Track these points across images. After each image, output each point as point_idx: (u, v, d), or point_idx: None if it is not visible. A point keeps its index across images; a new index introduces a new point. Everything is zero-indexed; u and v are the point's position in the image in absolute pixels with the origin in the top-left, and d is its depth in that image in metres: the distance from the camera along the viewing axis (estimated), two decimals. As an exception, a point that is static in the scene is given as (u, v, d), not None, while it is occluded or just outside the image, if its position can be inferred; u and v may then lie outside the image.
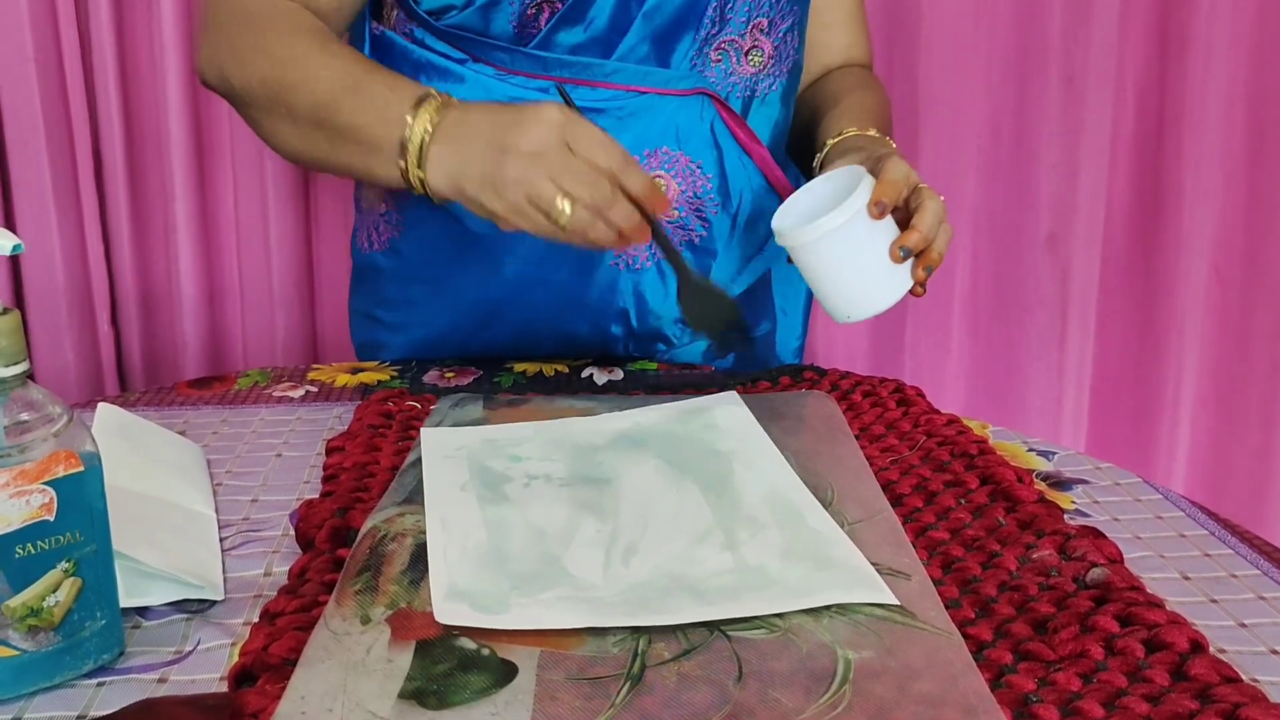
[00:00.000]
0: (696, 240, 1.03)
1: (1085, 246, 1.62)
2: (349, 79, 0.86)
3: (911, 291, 0.86)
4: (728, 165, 1.02)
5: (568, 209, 0.78)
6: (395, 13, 1.01)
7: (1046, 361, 1.67)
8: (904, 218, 0.86)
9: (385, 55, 1.00)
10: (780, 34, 1.02)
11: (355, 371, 1.04)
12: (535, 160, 0.78)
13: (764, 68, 1.02)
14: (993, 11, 1.54)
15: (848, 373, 1.02)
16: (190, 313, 1.51)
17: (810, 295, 1.21)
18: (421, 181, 0.83)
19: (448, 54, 0.98)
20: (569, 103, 0.83)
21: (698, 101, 0.99)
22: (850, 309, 0.86)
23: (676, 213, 1.02)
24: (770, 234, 1.07)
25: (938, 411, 0.90)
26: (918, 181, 0.86)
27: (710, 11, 0.97)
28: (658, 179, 0.99)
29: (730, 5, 0.98)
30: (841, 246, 0.83)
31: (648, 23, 0.96)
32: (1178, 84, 1.56)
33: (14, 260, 1.45)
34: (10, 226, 1.44)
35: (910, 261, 0.84)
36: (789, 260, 0.88)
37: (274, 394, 0.98)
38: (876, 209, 0.82)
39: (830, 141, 0.98)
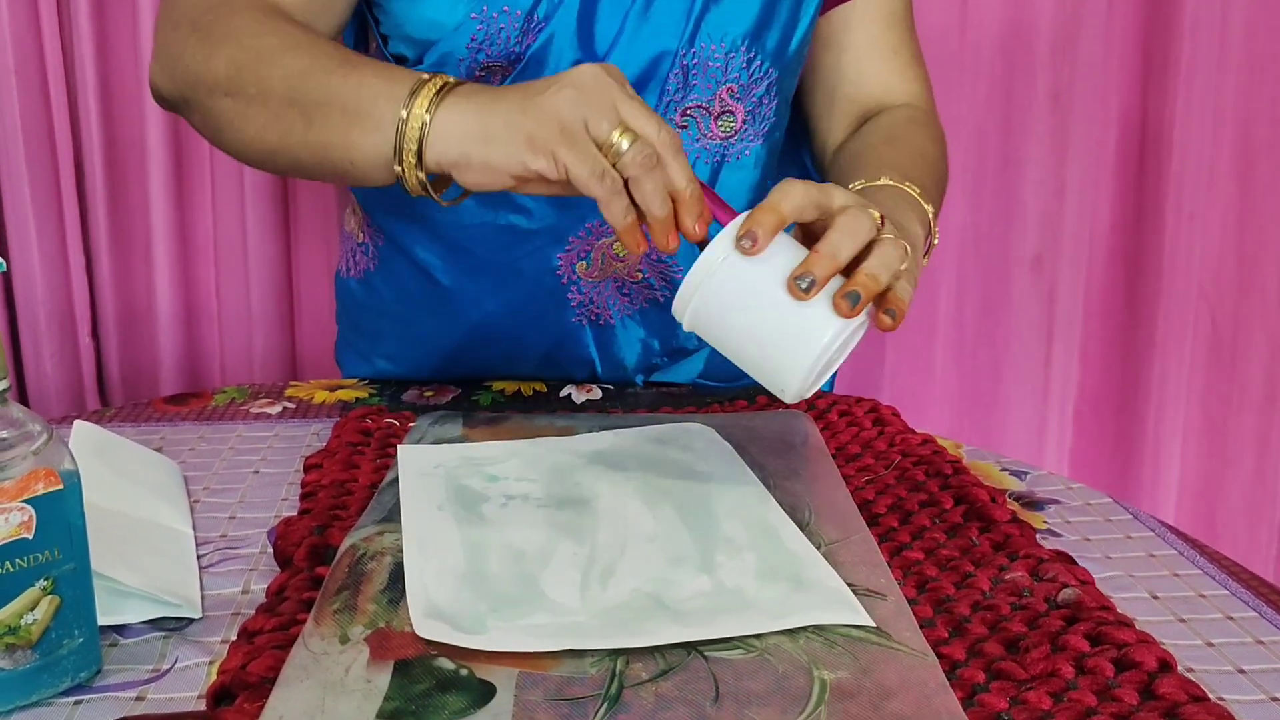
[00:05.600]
0: (661, 300, 1.01)
1: (1071, 267, 1.63)
2: (342, 55, 0.75)
3: (879, 324, 0.68)
4: None
5: (625, 143, 0.64)
6: (372, 45, 0.99)
7: (1031, 384, 1.67)
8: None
9: None
10: (754, 99, 0.96)
11: (334, 389, 1.04)
12: (585, 91, 0.65)
13: (735, 133, 0.97)
14: (979, 28, 1.56)
15: (824, 392, 1.03)
16: (169, 328, 1.51)
17: None
18: (420, 136, 0.69)
19: None
20: None
21: None
22: (776, 374, 0.67)
23: (641, 274, 0.99)
24: None
25: (913, 431, 0.91)
26: (872, 224, 0.67)
27: (671, 78, 0.92)
28: (620, 243, 0.97)
29: (694, 71, 0.93)
30: (728, 298, 0.66)
31: None
32: (1159, 104, 1.58)
33: (3, 275, 1.45)
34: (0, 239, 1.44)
35: (849, 307, 0.65)
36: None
37: (252, 410, 0.98)
38: (746, 241, 0.64)
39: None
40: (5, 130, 1.40)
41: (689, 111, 0.95)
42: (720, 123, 0.96)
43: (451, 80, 0.71)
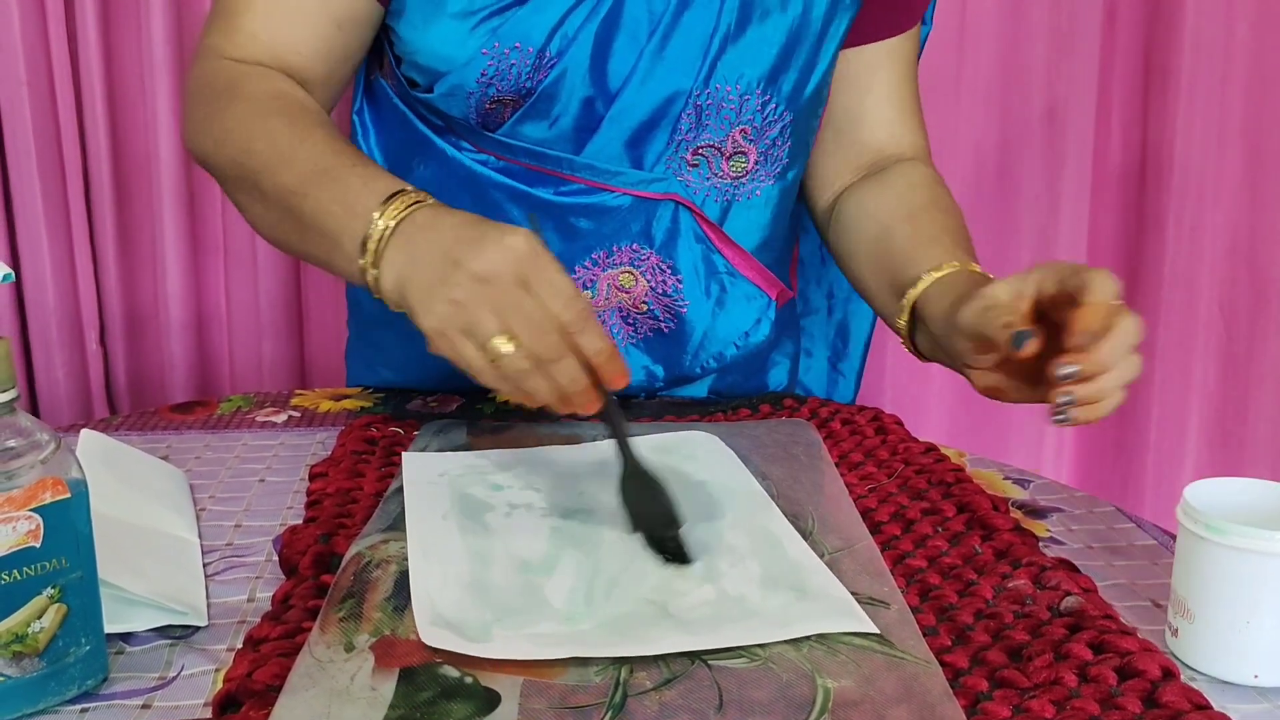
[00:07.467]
0: (666, 331, 1.01)
1: None
2: (320, 165, 0.78)
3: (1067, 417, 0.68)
4: (701, 267, 0.99)
5: (506, 349, 0.67)
6: (387, 60, 0.99)
7: None
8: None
9: (379, 107, 1.01)
10: (768, 140, 0.96)
11: (339, 398, 1.05)
12: (481, 286, 0.67)
13: (747, 173, 0.97)
14: (975, 43, 1.56)
15: (827, 400, 1.03)
16: (177, 335, 1.52)
17: (868, 345, 1.16)
18: (376, 281, 0.73)
19: (427, 118, 0.97)
20: (538, 233, 0.71)
21: (671, 203, 0.96)
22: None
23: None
24: (750, 328, 1.01)
25: (915, 439, 0.91)
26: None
27: (683, 118, 0.92)
28: (625, 274, 0.98)
29: (708, 111, 0.92)
30: None
31: (615, 125, 0.92)
32: (1160, 118, 1.58)
33: (13, 283, 1.45)
34: (11, 248, 1.45)
35: None
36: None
37: (257, 419, 0.99)
38: None
39: (932, 275, 0.85)
40: (17, 141, 1.41)
41: (700, 151, 0.95)
42: (732, 163, 0.95)
43: (403, 207, 0.72)
